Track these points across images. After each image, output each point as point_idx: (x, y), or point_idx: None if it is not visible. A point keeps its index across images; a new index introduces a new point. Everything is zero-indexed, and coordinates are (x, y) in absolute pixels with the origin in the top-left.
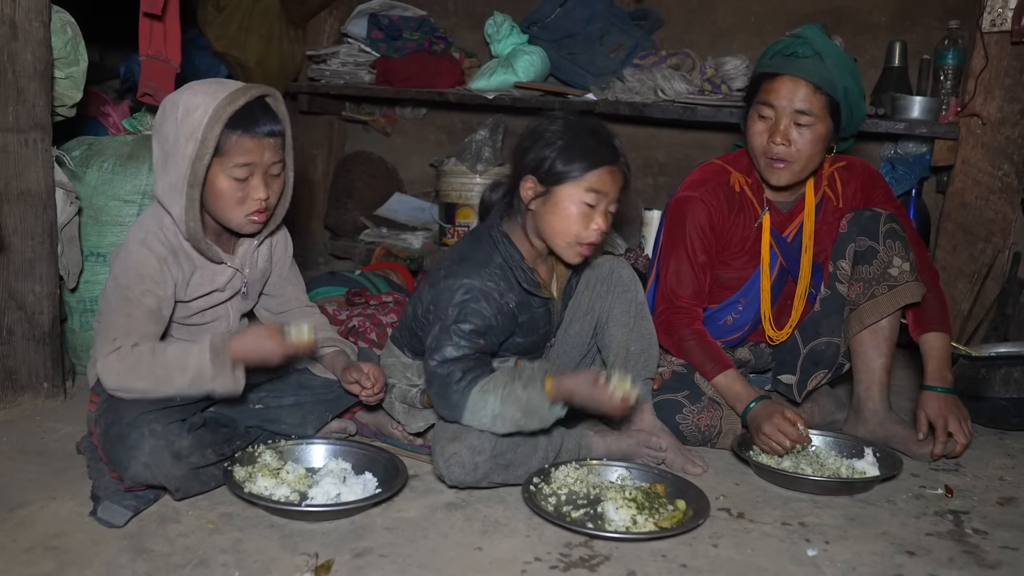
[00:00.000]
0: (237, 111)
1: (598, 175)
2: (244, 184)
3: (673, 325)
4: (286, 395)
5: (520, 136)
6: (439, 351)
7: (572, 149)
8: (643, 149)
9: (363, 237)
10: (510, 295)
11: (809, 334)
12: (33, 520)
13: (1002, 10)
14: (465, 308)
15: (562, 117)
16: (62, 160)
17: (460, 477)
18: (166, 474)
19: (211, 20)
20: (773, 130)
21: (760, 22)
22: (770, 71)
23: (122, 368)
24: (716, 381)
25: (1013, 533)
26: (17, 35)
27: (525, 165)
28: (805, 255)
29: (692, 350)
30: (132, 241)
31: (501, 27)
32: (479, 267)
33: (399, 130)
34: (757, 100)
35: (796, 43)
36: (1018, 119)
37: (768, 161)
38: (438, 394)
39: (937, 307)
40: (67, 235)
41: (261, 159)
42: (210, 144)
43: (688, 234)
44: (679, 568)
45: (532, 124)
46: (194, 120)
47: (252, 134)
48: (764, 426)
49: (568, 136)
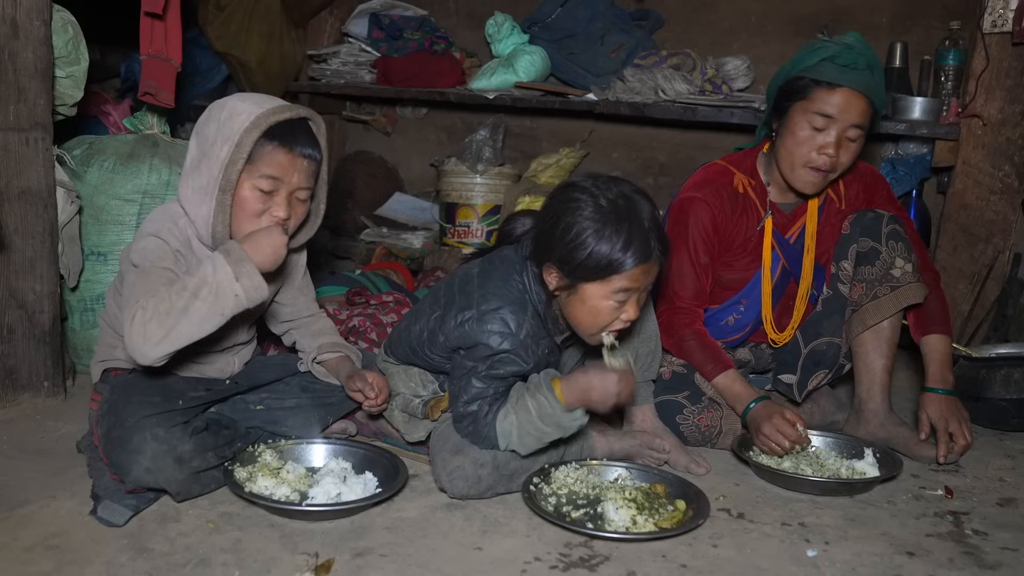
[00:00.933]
0: (278, 124)
1: (629, 275)
2: (267, 198)
3: (673, 325)
4: (288, 397)
5: (548, 202)
6: (466, 391)
7: (602, 248)
8: (643, 149)
9: (363, 237)
10: (543, 342)
11: (810, 334)
12: (33, 519)
13: (1003, 11)
14: (499, 359)
15: (592, 199)
16: (63, 159)
17: (464, 491)
18: (167, 478)
19: (212, 19)
20: (824, 141)
21: (761, 22)
22: (828, 80)
23: (147, 319)
24: (716, 381)
25: (1013, 534)
26: (18, 34)
27: (551, 251)
28: (807, 256)
29: (693, 350)
30: (145, 234)
31: (502, 27)
32: (515, 312)
33: (400, 130)
34: (809, 108)
35: (851, 54)
36: (1019, 120)
37: (808, 170)
38: (472, 433)
39: (938, 309)
40: (68, 234)
41: (290, 177)
42: (245, 149)
43: (691, 235)
44: (679, 568)
45: (562, 194)
46: (235, 125)
47: (287, 149)
48: (763, 426)
49: (600, 230)
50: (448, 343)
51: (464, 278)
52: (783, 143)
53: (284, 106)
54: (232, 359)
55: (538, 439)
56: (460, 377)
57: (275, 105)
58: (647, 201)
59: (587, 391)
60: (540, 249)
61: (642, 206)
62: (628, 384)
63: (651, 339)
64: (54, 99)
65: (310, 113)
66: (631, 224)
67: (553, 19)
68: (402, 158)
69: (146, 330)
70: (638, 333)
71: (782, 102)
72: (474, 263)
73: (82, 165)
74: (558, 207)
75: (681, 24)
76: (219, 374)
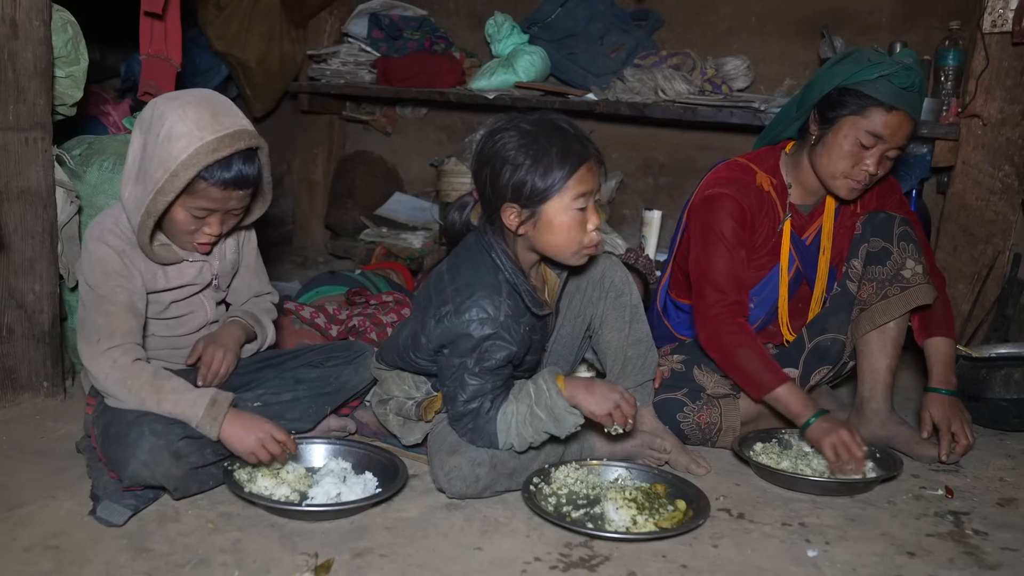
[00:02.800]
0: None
1: (578, 178)
2: (200, 221)
3: (722, 333)
4: (284, 391)
5: (477, 157)
6: (463, 390)
7: (543, 162)
8: (643, 149)
9: (363, 237)
10: (523, 319)
11: (815, 330)
12: (32, 519)
13: (1003, 11)
14: (486, 347)
15: (514, 127)
16: (62, 159)
17: (462, 490)
18: (165, 473)
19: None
20: (869, 157)
21: (761, 23)
22: (885, 101)
23: (116, 376)
24: (776, 394)
25: (1013, 534)
26: (18, 34)
27: (499, 193)
28: (823, 257)
29: (748, 360)
30: (90, 240)
31: (502, 27)
32: (491, 295)
33: (399, 130)
34: (862, 125)
35: (910, 75)
36: (1019, 120)
37: (847, 182)
38: (472, 431)
39: (943, 312)
40: (67, 234)
41: (224, 206)
42: (180, 183)
43: (724, 229)
44: (679, 568)
45: (485, 142)
46: (173, 151)
47: (222, 186)
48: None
49: (533, 148)
50: (431, 344)
51: (437, 278)
52: (826, 151)
53: (224, 138)
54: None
55: (535, 430)
56: (452, 377)
57: (214, 137)
58: (561, 116)
59: (589, 388)
60: (491, 200)
61: (560, 118)
62: (629, 403)
63: (641, 342)
64: (54, 99)
65: (249, 142)
66: (560, 132)
67: (553, 19)
68: (402, 158)
69: (108, 380)
70: (626, 337)
71: (830, 110)
72: (443, 262)
73: (81, 165)
74: (490, 153)
75: (681, 24)
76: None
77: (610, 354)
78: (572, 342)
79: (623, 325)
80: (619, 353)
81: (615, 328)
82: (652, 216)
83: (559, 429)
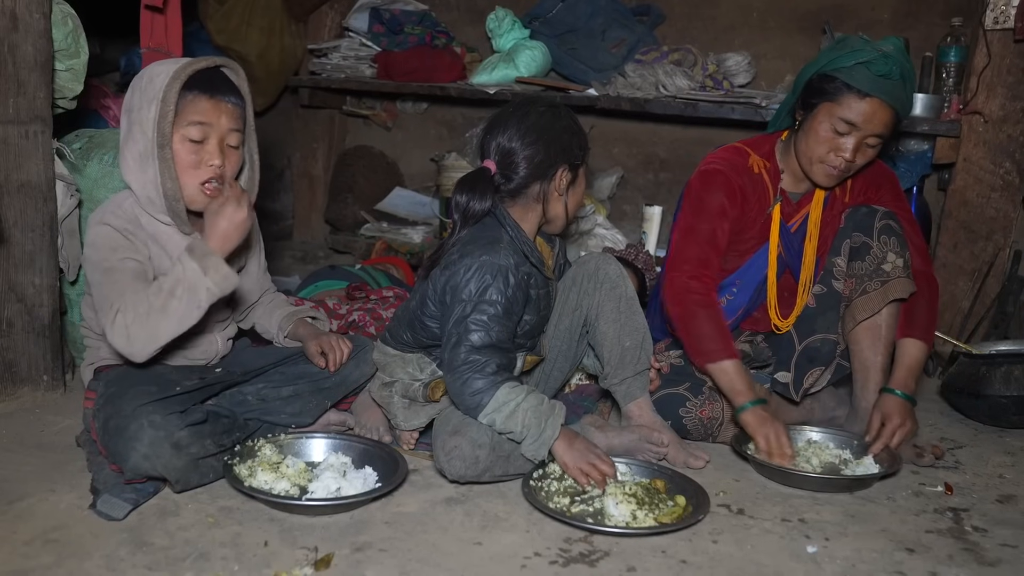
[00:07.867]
0: (196, 73)
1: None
2: (199, 148)
3: (686, 293)
4: (284, 386)
5: (526, 132)
6: (467, 338)
7: (575, 128)
8: (644, 145)
9: (363, 231)
10: (523, 268)
11: (804, 331)
12: (33, 513)
13: (1005, 7)
14: (486, 286)
15: (539, 104)
16: (62, 152)
17: (461, 471)
18: (166, 465)
19: (212, 13)
20: (843, 144)
21: (762, 18)
22: (860, 88)
23: (128, 321)
24: (720, 366)
25: (1013, 531)
26: (18, 27)
27: (556, 158)
28: (809, 244)
29: (702, 324)
30: (92, 225)
31: (503, 22)
32: (492, 243)
33: (400, 124)
34: (835, 112)
35: (888, 63)
36: (1020, 117)
37: (823, 167)
38: (464, 382)
39: (926, 315)
40: (67, 227)
41: (217, 121)
42: (171, 102)
43: (712, 201)
44: (679, 564)
45: (529, 118)
46: (156, 85)
47: (209, 95)
48: (757, 436)
49: (567, 118)
50: (436, 292)
51: (447, 261)
52: (804, 137)
53: (200, 59)
54: (214, 339)
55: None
56: (456, 322)
57: (190, 59)
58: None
59: (571, 440)
60: (540, 168)
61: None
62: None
63: (637, 331)
64: (54, 92)
65: (225, 61)
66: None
67: (554, 14)
68: (402, 153)
69: (129, 333)
70: (622, 327)
71: (810, 97)
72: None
73: (82, 158)
74: (531, 129)
75: (682, 20)
76: (204, 355)
77: (607, 345)
78: (571, 337)
79: (618, 316)
80: (616, 344)
81: (611, 319)
82: (653, 212)
83: (531, 448)
